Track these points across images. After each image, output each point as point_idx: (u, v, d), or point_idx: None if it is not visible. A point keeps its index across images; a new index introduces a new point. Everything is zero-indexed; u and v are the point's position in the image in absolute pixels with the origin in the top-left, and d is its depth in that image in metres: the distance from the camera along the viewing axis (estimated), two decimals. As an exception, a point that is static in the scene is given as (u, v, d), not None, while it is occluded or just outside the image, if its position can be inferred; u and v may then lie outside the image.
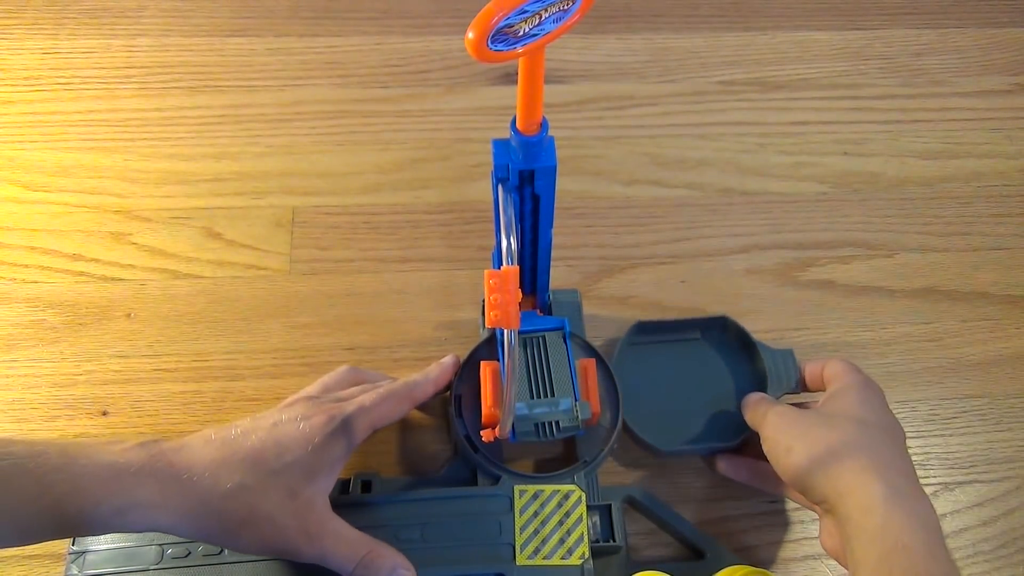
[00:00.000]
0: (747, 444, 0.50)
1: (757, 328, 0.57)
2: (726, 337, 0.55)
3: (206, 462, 0.38)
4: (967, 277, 0.61)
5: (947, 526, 0.51)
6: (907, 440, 0.53)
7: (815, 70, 0.71)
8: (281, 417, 0.41)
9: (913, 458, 0.53)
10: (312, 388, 0.46)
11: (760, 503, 0.51)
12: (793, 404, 0.47)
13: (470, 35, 0.30)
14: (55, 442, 0.37)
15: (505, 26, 0.30)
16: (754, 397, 0.49)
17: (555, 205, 0.44)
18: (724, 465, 0.50)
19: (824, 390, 0.48)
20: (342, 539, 0.40)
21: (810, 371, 0.50)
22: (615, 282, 0.59)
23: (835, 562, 0.49)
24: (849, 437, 0.41)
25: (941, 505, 0.52)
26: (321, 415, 0.41)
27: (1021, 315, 0.59)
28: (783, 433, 0.43)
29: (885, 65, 0.72)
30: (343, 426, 0.41)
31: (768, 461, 0.44)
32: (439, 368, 0.49)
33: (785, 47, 0.72)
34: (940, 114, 0.69)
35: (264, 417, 0.41)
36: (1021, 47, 0.73)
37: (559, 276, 0.58)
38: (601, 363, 0.51)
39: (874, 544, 0.36)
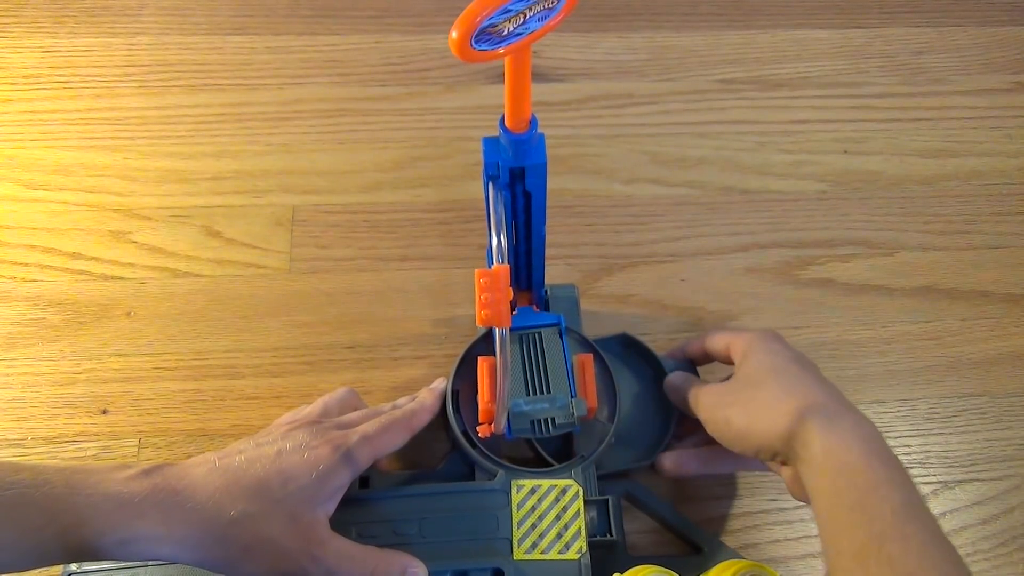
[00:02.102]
0: (688, 434, 0.50)
1: (757, 326, 0.57)
2: (629, 355, 0.54)
3: (210, 490, 0.38)
4: (967, 275, 0.61)
5: (947, 524, 0.51)
6: (906, 438, 0.54)
7: (815, 68, 0.71)
8: (286, 445, 0.41)
9: (913, 456, 0.53)
10: (313, 409, 0.46)
11: (760, 501, 0.51)
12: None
13: (453, 34, 0.30)
14: (61, 469, 0.37)
15: (489, 25, 0.30)
16: (677, 379, 0.50)
17: (555, 204, 0.45)
18: (670, 464, 0.49)
19: (712, 361, 0.51)
20: (347, 557, 0.40)
21: (692, 351, 0.52)
22: (615, 281, 0.59)
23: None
24: (772, 386, 0.42)
25: (941, 503, 0.52)
26: (326, 445, 0.41)
27: (1021, 313, 0.59)
28: (717, 408, 0.44)
29: (885, 63, 0.72)
30: (347, 457, 0.41)
31: (716, 443, 0.45)
32: (432, 395, 0.49)
33: (785, 45, 0.72)
34: (940, 112, 0.69)
35: (268, 443, 0.41)
36: (1021, 46, 0.73)
37: (559, 275, 0.58)
38: (598, 358, 0.51)
39: (822, 472, 0.38)
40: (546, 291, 0.54)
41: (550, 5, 0.32)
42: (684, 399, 0.48)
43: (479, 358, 0.48)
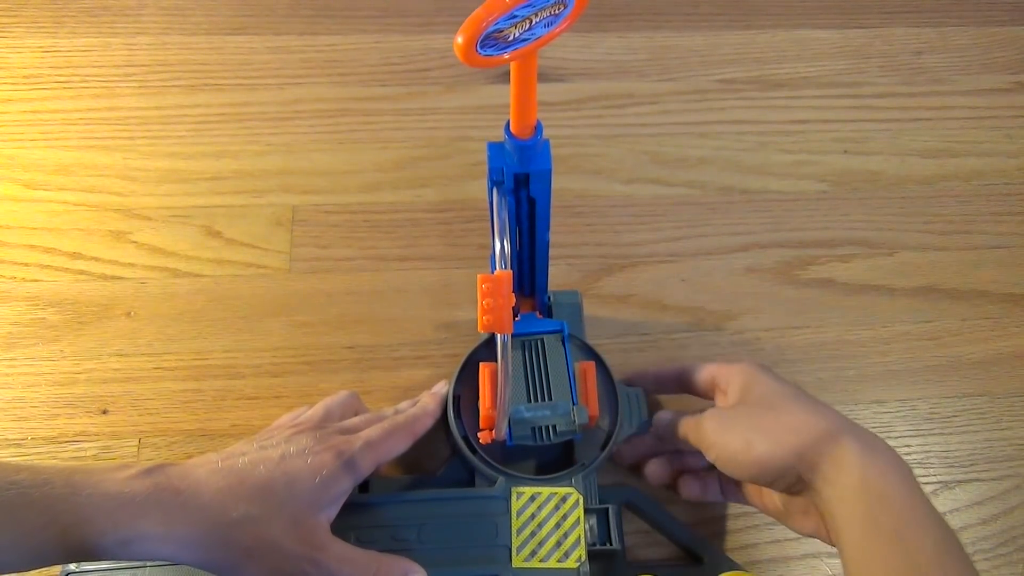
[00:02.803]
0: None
1: (757, 326, 0.58)
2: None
3: (213, 491, 0.38)
4: (967, 275, 0.61)
5: (946, 525, 0.51)
6: (906, 438, 0.54)
7: (815, 68, 0.71)
8: (289, 449, 0.41)
9: (913, 456, 0.54)
10: (315, 413, 0.46)
11: (760, 502, 0.51)
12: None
13: (459, 40, 0.29)
14: (61, 469, 0.37)
15: (495, 31, 0.30)
16: (668, 414, 0.48)
17: (555, 203, 0.44)
18: (690, 489, 0.48)
19: (683, 392, 0.50)
20: (348, 561, 0.40)
21: (663, 378, 0.51)
22: (615, 281, 0.59)
23: (836, 561, 0.49)
24: (794, 409, 0.41)
25: (940, 503, 0.52)
26: (329, 451, 0.41)
27: (1021, 313, 0.59)
28: (733, 433, 0.42)
29: (885, 63, 0.72)
30: (350, 464, 0.41)
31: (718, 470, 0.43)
32: (434, 399, 0.49)
33: (785, 45, 0.72)
34: (940, 112, 0.69)
35: (271, 447, 0.41)
36: (1021, 45, 0.73)
37: (559, 275, 0.58)
38: (601, 365, 0.51)
39: (858, 500, 0.37)
40: (549, 297, 0.54)
41: (556, 11, 0.31)
42: (677, 431, 0.46)
43: (481, 364, 0.48)
